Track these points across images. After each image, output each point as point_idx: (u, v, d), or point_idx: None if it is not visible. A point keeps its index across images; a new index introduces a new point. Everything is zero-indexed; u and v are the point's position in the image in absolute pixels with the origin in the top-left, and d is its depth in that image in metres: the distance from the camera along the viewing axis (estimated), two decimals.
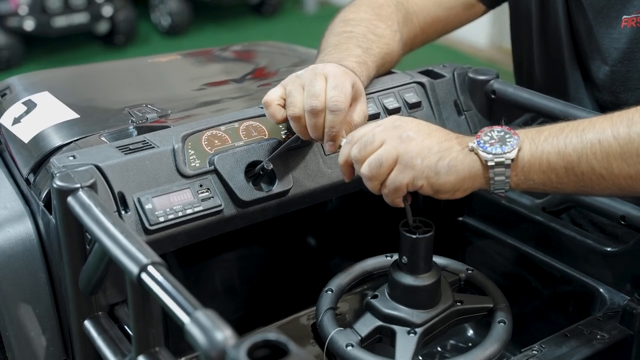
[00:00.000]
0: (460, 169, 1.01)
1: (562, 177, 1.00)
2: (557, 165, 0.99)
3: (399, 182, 1.02)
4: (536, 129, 1.03)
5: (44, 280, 1.15)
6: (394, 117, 1.06)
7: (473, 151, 1.01)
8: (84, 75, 1.62)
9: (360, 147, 1.03)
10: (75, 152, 1.10)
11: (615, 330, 1.13)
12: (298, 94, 1.10)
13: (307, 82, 1.10)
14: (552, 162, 0.99)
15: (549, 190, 1.07)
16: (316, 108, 1.08)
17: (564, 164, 0.99)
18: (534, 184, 1.02)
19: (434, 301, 1.11)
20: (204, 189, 1.12)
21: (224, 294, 1.40)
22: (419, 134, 1.02)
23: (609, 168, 0.98)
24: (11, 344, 1.15)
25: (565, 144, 0.99)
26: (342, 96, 1.08)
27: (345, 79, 1.11)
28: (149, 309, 0.88)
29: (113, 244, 0.88)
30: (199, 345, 0.73)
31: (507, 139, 1.01)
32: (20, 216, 1.17)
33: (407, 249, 1.09)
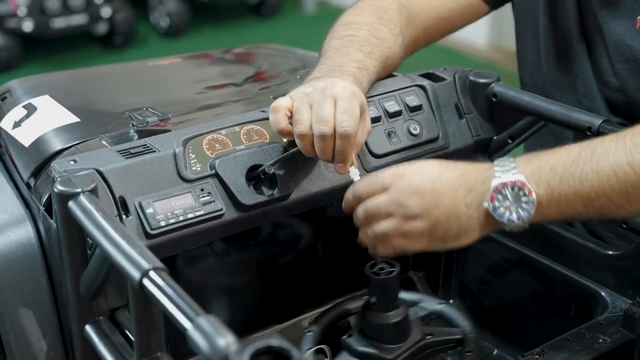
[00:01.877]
0: (470, 232, 1.02)
1: (581, 212, 1.00)
2: (575, 204, 0.98)
3: (400, 248, 1.05)
4: (550, 166, 0.99)
5: (44, 285, 1.15)
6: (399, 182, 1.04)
7: (487, 211, 1.00)
8: (84, 78, 1.62)
9: (366, 215, 1.05)
10: (76, 156, 1.10)
11: (617, 334, 1.13)
12: (306, 112, 1.09)
13: (315, 103, 1.09)
14: (570, 202, 0.98)
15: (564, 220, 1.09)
16: (325, 134, 1.07)
17: (582, 201, 0.98)
18: (551, 219, 1.03)
19: (404, 336, 1.17)
20: (205, 193, 1.12)
21: (224, 297, 1.40)
22: (424, 210, 1.01)
23: (628, 197, 0.97)
24: (12, 349, 1.15)
25: (582, 182, 0.97)
26: (352, 121, 1.07)
27: (354, 102, 1.10)
28: (150, 314, 0.87)
29: (114, 249, 0.87)
30: (201, 351, 0.72)
31: (522, 199, 0.98)
32: (20, 220, 1.17)
33: (374, 289, 1.15)
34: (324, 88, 1.11)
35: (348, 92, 1.11)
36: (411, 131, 1.31)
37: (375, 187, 1.06)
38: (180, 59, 1.72)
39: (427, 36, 1.47)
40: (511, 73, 1.56)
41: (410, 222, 1.02)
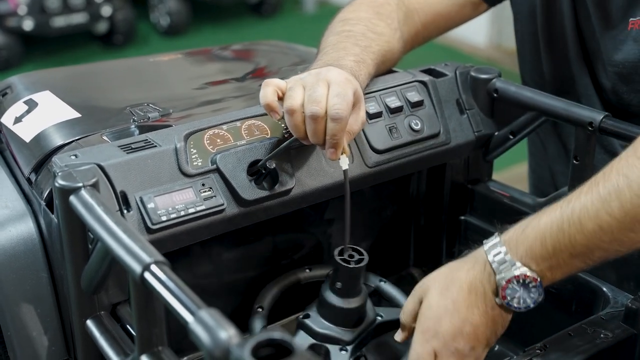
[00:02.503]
0: (483, 330, 1.04)
1: (584, 267, 1.03)
2: (575, 264, 1.01)
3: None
4: (539, 241, 1.00)
5: (45, 280, 1.15)
6: (426, 293, 1.08)
7: (502, 306, 1.03)
8: (85, 74, 1.62)
9: None
10: (77, 151, 1.10)
11: (619, 329, 1.13)
12: (299, 91, 1.10)
13: (309, 85, 1.10)
14: (569, 264, 1.00)
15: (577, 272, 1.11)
16: (317, 114, 1.07)
17: (580, 259, 1.00)
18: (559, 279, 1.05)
19: (362, 319, 1.20)
20: (206, 188, 1.12)
21: (225, 292, 1.40)
22: (442, 328, 1.03)
23: (620, 243, 0.98)
24: (13, 344, 1.15)
25: (573, 245, 0.98)
26: (344, 104, 1.07)
27: (347, 87, 1.10)
28: (151, 308, 0.87)
29: (116, 243, 0.87)
30: (202, 344, 0.72)
31: (532, 288, 1.02)
32: (22, 215, 1.17)
33: (343, 276, 1.16)
34: (318, 73, 1.12)
35: (342, 77, 1.11)
36: (412, 127, 1.30)
37: None
38: (181, 54, 1.72)
39: (426, 32, 1.47)
40: (511, 72, 1.56)
41: (430, 342, 1.04)
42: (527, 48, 1.49)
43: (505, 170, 3.52)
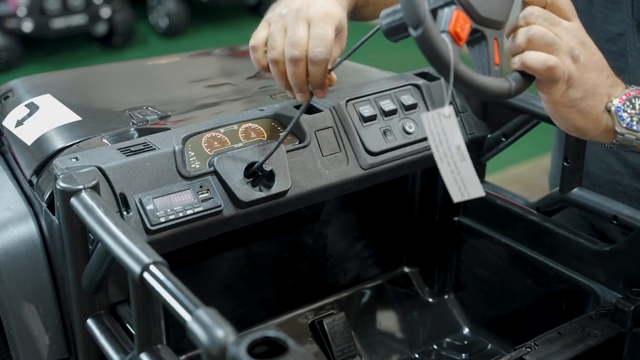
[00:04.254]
0: (593, 118, 1.00)
1: None
2: None
3: (547, 59, 0.97)
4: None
5: (47, 280, 1.17)
6: (581, 29, 1.01)
7: (609, 112, 1.00)
8: (85, 77, 1.64)
9: (541, 17, 0.99)
10: (77, 154, 1.12)
11: (608, 328, 1.15)
12: (279, 36, 1.08)
13: (289, 27, 1.08)
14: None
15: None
16: (295, 57, 1.06)
17: None
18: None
19: None
20: (204, 190, 1.14)
21: (223, 292, 1.42)
22: (587, 63, 0.99)
23: None
24: (15, 343, 1.17)
25: None
26: (323, 46, 1.06)
27: (327, 25, 1.07)
28: (151, 307, 0.90)
29: (116, 244, 0.90)
30: (200, 342, 0.75)
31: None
32: (23, 217, 1.19)
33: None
34: (299, 10, 1.09)
35: (322, 14, 1.08)
36: (406, 129, 1.33)
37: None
38: (180, 57, 1.74)
39: None
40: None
41: (569, 58, 0.98)
42: None
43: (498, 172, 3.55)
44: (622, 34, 1.28)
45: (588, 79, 0.99)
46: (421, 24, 0.90)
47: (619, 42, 1.30)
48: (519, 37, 0.99)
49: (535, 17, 0.99)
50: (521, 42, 0.98)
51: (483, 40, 0.98)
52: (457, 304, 1.55)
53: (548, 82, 0.98)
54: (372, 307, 1.55)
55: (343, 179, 1.25)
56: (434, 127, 0.95)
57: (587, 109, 1.00)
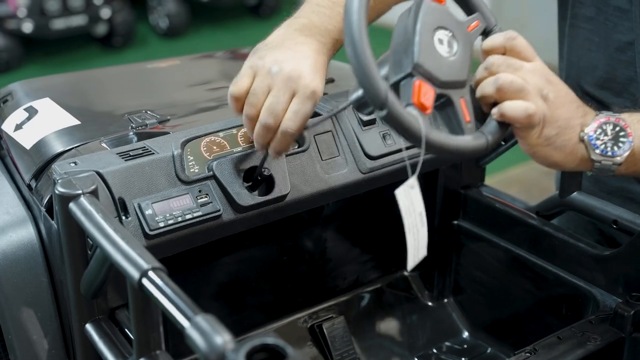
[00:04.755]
0: (569, 152, 1.01)
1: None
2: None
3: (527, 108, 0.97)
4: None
5: (45, 284, 1.17)
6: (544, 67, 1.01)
7: (583, 142, 1.01)
8: (84, 81, 1.63)
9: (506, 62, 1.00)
10: (76, 159, 1.12)
11: (608, 332, 1.15)
12: (262, 96, 1.08)
13: (274, 90, 1.07)
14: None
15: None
16: (269, 125, 1.06)
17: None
18: (637, 173, 1.02)
19: None
20: (203, 195, 1.14)
21: (221, 296, 1.42)
22: (556, 100, 0.99)
23: None
24: (14, 347, 1.17)
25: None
26: (298, 123, 1.06)
27: (308, 102, 1.06)
28: (149, 313, 0.90)
29: (114, 250, 0.89)
30: (198, 349, 0.74)
31: (621, 139, 1.00)
32: (22, 221, 1.19)
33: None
34: (289, 79, 1.07)
35: (309, 91, 1.07)
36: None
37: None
38: (179, 61, 1.74)
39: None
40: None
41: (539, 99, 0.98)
42: None
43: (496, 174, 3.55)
44: (631, 42, 1.28)
45: (560, 115, 1.00)
46: (384, 105, 0.91)
47: (629, 51, 1.30)
48: (488, 88, 0.99)
49: (497, 66, 0.99)
50: (491, 92, 0.99)
51: (450, 103, 0.99)
52: (457, 307, 1.55)
53: (526, 128, 0.99)
54: (371, 311, 1.54)
55: (342, 183, 1.25)
56: (405, 199, 0.98)
57: (563, 143, 1.00)
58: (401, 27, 0.99)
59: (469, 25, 1.03)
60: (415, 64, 0.94)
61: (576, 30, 1.39)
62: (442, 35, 0.98)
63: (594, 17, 1.33)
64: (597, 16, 1.33)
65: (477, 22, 1.05)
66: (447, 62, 0.97)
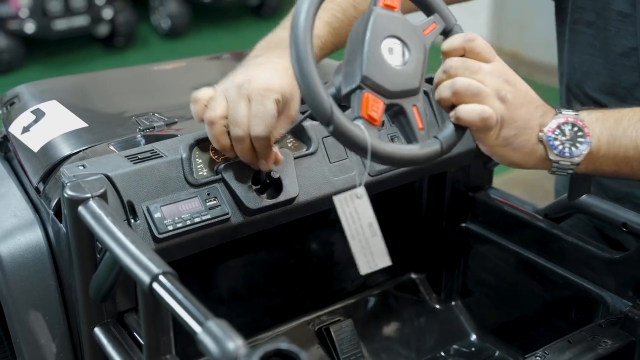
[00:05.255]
0: (528, 152, 1.01)
1: (635, 170, 1.00)
2: (632, 159, 0.99)
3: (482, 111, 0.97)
4: (615, 118, 1.00)
5: (53, 288, 1.16)
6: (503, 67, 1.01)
7: (542, 142, 1.01)
8: (91, 83, 1.63)
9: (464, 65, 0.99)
10: (85, 162, 1.11)
11: (618, 336, 1.14)
12: (221, 100, 1.08)
13: (230, 101, 1.08)
14: (628, 156, 0.99)
15: (615, 177, 1.08)
16: (239, 136, 1.07)
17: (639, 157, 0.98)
18: (602, 173, 1.02)
19: None
20: (212, 198, 1.14)
21: (229, 299, 1.42)
22: (514, 100, 0.99)
23: None
24: (22, 351, 1.16)
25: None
26: (263, 124, 1.06)
27: (266, 99, 1.06)
28: (159, 317, 0.89)
29: (124, 254, 0.89)
30: (211, 354, 0.74)
31: (579, 139, 1.00)
32: (30, 224, 1.18)
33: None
34: (240, 86, 1.07)
35: (261, 89, 1.07)
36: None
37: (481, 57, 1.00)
38: (186, 63, 1.73)
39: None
40: None
41: (497, 101, 0.98)
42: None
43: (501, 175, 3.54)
44: (635, 48, 1.28)
45: (519, 115, 0.99)
46: (330, 122, 0.92)
47: (633, 56, 1.29)
48: (444, 91, 0.99)
49: (455, 69, 0.99)
50: (448, 95, 0.99)
51: (402, 112, 0.99)
52: (465, 310, 1.55)
53: (483, 130, 0.99)
54: (378, 314, 1.54)
55: (350, 185, 1.24)
56: (346, 207, 1.00)
57: (522, 143, 1.00)
58: (353, 36, 0.99)
59: (424, 28, 1.03)
60: (362, 76, 0.94)
61: (577, 35, 1.38)
62: (391, 44, 0.98)
63: (595, 21, 1.33)
64: (597, 21, 1.32)
65: (434, 24, 1.04)
66: (397, 71, 0.97)
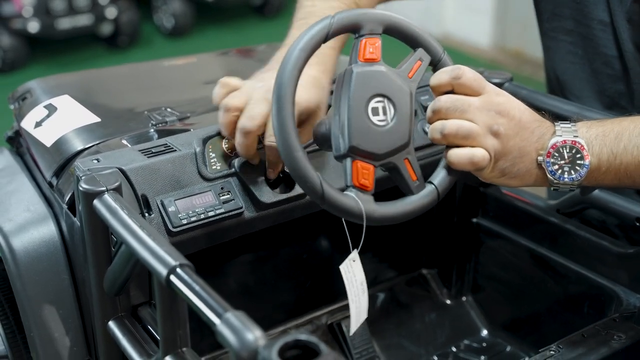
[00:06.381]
0: (526, 177, 1.00)
1: (637, 182, 0.99)
2: (634, 173, 0.98)
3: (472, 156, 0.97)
4: (615, 133, 0.98)
5: (67, 282, 1.17)
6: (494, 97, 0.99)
7: (540, 166, 0.99)
8: (102, 78, 1.63)
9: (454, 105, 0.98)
10: (99, 155, 1.11)
11: (632, 330, 1.14)
12: (244, 95, 1.11)
13: (252, 99, 1.10)
14: (630, 171, 0.98)
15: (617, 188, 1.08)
16: (248, 129, 1.08)
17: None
18: (604, 186, 1.02)
19: None
20: (225, 192, 1.14)
21: (241, 294, 1.42)
22: (508, 131, 0.98)
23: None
24: (36, 345, 1.16)
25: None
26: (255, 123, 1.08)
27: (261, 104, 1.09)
28: (176, 310, 0.89)
29: (141, 246, 0.89)
30: (230, 346, 0.74)
31: (578, 161, 0.98)
32: (43, 218, 1.18)
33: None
34: (268, 91, 1.05)
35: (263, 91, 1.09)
36: (426, 130, 1.32)
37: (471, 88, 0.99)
38: (196, 58, 1.73)
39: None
40: (515, 73, 1.57)
41: (489, 137, 0.97)
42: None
43: None
44: (618, 56, 1.28)
45: (513, 146, 0.98)
46: (322, 200, 0.94)
47: (615, 64, 1.29)
48: (436, 134, 0.99)
49: (445, 110, 0.98)
50: (439, 138, 0.98)
51: (394, 167, 1.00)
52: (476, 305, 1.54)
53: (476, 170, 0.99)
54: (390, 309, 1.54)
55: None
56: (348, 272, 1.05)
57: (519, 172, 1.00)
58: (336, 97, 0.98)
59: (409, 71, 1.02)
60: (350, 147, 0.95)
61: (557, 43, 1.39)
62: (376, 103, 0.97)
63: (574, 29, 1.33)
64: (576, 28, 1.32)
65: (419, 62, 1.03)
66: (384, 132, 0.97)
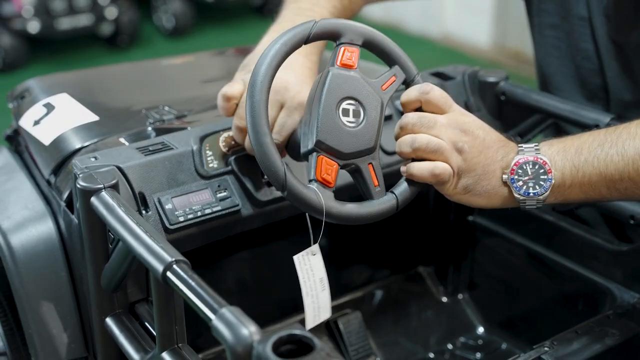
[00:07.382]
0: (492, 195, 1.02)
1: (604, 195, 1.01)
2: (599, 186, 0.99)
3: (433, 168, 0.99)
4: (575, 148, 1.01)
5: (65, 279, 1.17)
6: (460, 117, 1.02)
7: (506, 184, 1.01)
8: (100, 77, 1.64)
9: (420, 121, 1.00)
10: (96, 153, 1.12)
11: (626, 327, 1.14)
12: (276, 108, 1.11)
13: None
14: (593, 183, 0.99)
15: (587, 202, 1.11)
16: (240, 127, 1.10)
17: (606, 183, 0.99)
18: (572, 201, 1.03)
19: None
20: (222, 189, 1.14)
21: (237, 291, 1.42)
22: (472, 149, 1.00)
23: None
24: (33, 341, 1.17)
25: (607, 164, 0.98)
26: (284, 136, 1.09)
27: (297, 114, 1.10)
28: (172, 306, 0.90)
29: (138, 243, 0.90)
30: (225, 341, 0.75)
31: (542, 176, 1.00)
32: (41, 216, 1.19)
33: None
34: (276, 92, 1.09)
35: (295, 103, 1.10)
36: None
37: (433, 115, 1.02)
38: (194, 57, 1.74)
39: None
40: (515, 73, 1.58)
41: (454, 153, 0.99)
42: None
43: None
44: (595, 51, 1.30)
45: (477, 163, 1.00)
46: (284, 188, 0.96)
47: (593, 59, 1.31)
48: (405, 148, 1.01)
49: (412, 125, 1.01)
50: (408, 151, 1.01)
51: (357, 170, 1.01)
52: (472, 303, 1.55)
53: (438, 184, 1.01)
54: (386, 307, 1.55)
55: None
56: (304, 265, 1.06)
57: (484, 189, 1.01)
58: (311, 97, 1.01)
59: (383, 83, 1.05)
60: (317, 141, 0.97)
61: (543, 37, 1.41)
62: (347, 105, 1.00)
63: (559, 24, 1.35)
64: (562, 24, 1.34)
65: (393, 77, 1.06)
66: (351, 133, 0.99)
